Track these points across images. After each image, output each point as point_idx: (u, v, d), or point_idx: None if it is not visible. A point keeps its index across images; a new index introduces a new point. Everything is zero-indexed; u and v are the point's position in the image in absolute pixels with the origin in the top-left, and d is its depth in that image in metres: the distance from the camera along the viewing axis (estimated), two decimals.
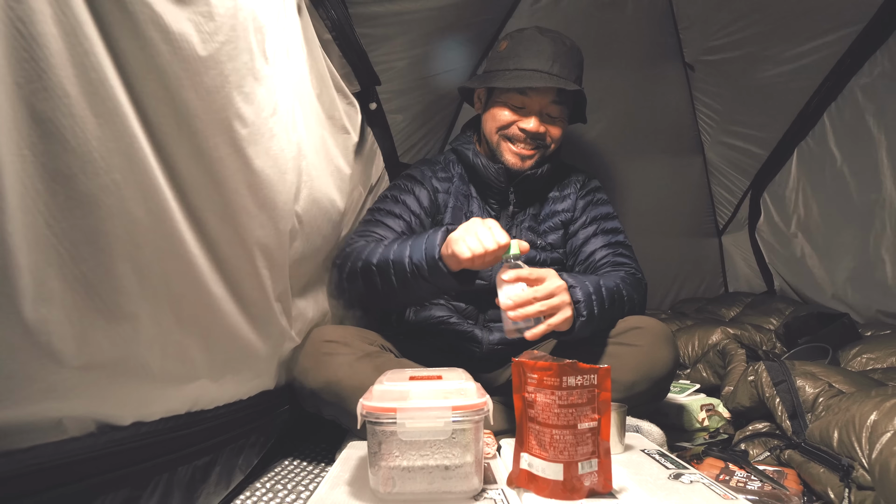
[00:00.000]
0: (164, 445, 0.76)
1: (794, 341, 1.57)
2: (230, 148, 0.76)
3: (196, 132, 0.70)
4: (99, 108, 0.56)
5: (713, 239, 2.50)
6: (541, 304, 1.02)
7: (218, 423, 0.88)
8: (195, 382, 0.80)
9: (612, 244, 1.34)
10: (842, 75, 1.65)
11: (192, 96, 0.68)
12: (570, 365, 0.73)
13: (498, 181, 1.34)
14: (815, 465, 0.92)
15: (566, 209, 1.39)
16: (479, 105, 1.41)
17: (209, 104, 0.71)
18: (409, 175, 1.42)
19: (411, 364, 1.16)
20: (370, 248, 1.18)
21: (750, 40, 1.81)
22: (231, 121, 0.76)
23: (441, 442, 0.73)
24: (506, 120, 1.31)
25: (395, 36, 1.50)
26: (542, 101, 1.29)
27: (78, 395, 0.60)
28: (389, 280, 1.13)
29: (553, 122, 1.32)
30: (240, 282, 0.85)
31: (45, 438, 0.59)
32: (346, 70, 1.28)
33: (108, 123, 0.58)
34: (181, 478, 0.80)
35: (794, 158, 1.96)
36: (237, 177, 0.79)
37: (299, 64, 1.04)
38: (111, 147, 0.58)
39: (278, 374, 1.11)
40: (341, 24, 1.16)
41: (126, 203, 0.61)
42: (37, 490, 0.58)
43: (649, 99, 2.19)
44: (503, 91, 1.31)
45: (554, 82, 1.25)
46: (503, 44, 1.34)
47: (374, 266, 1.15)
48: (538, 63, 1.27)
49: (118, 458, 0.68)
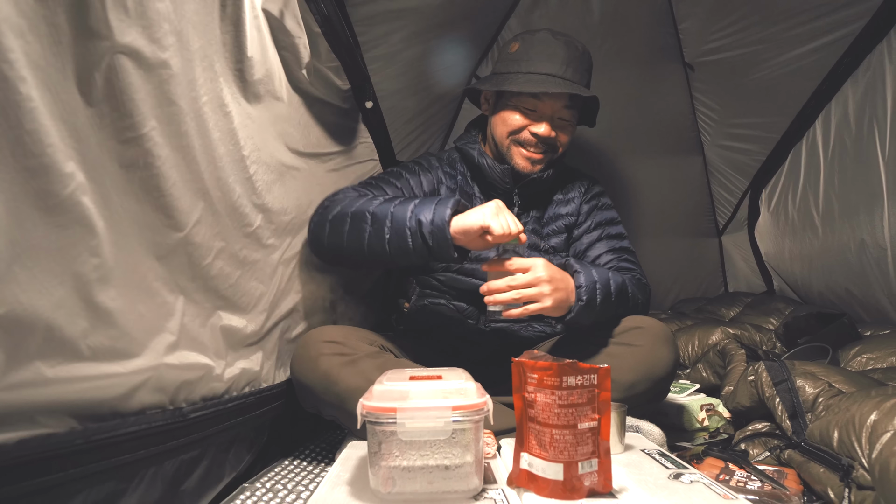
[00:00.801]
0: (149, 438, 0.75)
1: (794, 341, 1.57)
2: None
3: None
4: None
5: (713, 239, 2.50)
6: (515, 292, 1.06)
7: (205, 417, 0.88)
8: (183, 373, 0.80)
9: (617, 249, 1.34)
10: (840, 76, 1.65)
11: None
12: (570, 365, 0.73)
13: (503, 182, 1.33)
14: (815, 464, 0.92)
15: (570, 213, 1.39)
16: (487, 107, 1.39)
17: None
18: (418, 161, 1.41)
19: (411, 364, 1.16)
20: (366, 199, 1.17)
21: (749, 40, 1.81)
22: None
23: (441, 442, 0.73)
24: (517, 124, 1.29)
25: (392, 33, 1.49)
26: (554, 105, 1.27)
27: (55, 386, 0.59)
28: (381, 231, 1.10)
29: (564, 126, 1.31)
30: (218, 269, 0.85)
31: (27, 431, 0.58)
32: (335, 65, 1.27)
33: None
34: (167, 472, 0.80)
35: (792, 158, 1.96)
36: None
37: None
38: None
39: (268, 368, 1.11)
40: (330, 19, 1.16)
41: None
42: (19, 482, 0.57)
43: (649, 99, 2.19)
44: (514, 94, 1.29)
45: (569, 88, 1.23)
46: (514, 45, 1.31)
47: (368, 213, 1.11)
48: (552, 67, 1.25)
49: (102, 451, 0.67)
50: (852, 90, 1.63)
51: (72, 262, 0.61)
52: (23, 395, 0.57)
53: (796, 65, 1.73)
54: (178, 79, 0.76)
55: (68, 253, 0.61)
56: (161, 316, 0.78)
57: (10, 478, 0.56)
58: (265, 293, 1.06)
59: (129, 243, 0.71)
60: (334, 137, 1.37)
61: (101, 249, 0.64)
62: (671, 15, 2.03)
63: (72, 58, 0.62)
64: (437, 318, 1.34)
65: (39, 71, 0.56)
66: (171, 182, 0.76)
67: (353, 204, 1.15)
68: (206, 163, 0.84)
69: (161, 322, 0.78)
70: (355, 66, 1.32)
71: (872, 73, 1.54)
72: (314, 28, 1.15)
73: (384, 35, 1.48)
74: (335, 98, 1.35)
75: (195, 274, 0.85)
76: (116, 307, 0.67)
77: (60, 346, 0.60)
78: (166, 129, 0.75)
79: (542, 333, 1.39)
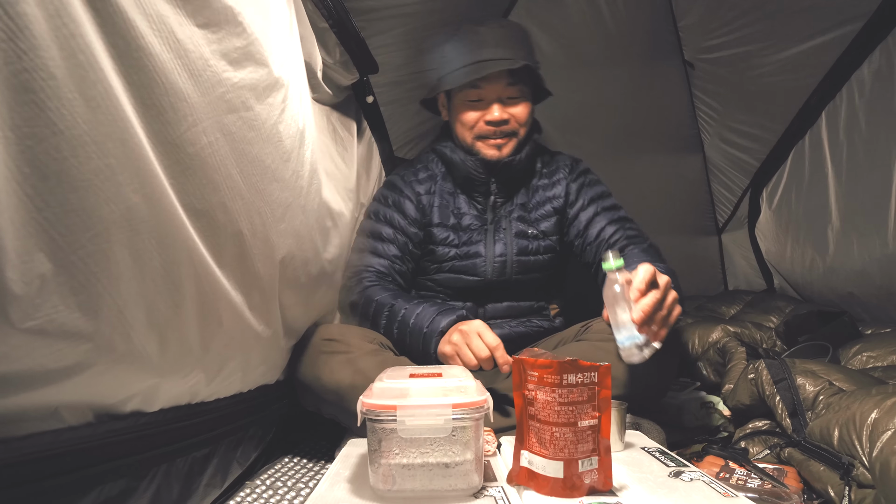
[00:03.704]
0: (163, 436, 0.75)
1: (795, 339, 1.57)
2: (219, 133, 0.75)
3: (185, 116, 0.68)
4: (89, 91, 0.55)
5: (713, 237, 2.49)
6: (671, 299, 0.95)
7: (217, 416, 0.88)
8: (194, 372, 0.80)
9: (617, 220, 1.36)
10: (841, 74, 1.64)
11: (184, 79, 0.67)
12: (570, 363, 0.73)
13: (477, 173, 1.36)
14: (815, 463, 0.92)
15: (558, 195, 1.41)
16: (446, 113, 1.44)
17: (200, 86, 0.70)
18: (391, 184, 1.45)
19: (410, 362, 1.16)
20: (378, 305, 1.24)
21: (749, 38, 1.81)
22: (224, 104, 0.75)
23: (441, 439, 0.73)
24: (472, 119, 1.34)
25: (391, 29, 1.50)
26: (496, 87, 1.31)
27: (75, 382, 0.60)
28: (391, 331, 1.21)
29: (515, 102, 1.34)
30: (239, 270, 0.85)
31: (42, 427, 0.58)
32: (343, 58, 1.28)
33: (99, 107, 0.56)
34: (179, 469, 0.80)
35: (793, 157, 1.96)
36: (228, 162, 0.78)
37: (296, 46, 1.03)
38: (104, 131, 0.57)
39: (278, 368, 1.11)
40: (338, 12, 1.16)
41: (122, 188, 0.60)
42: (33, 479, 0.58)
43: (649, 97, 2.18)
44: (458, 91, 1.34)
45: (498, 66, 1.27)
46: (446, 46, 1.37)
47: (382, 330, 1.22)
48: (480, 53, 1.29)
49: (116, 448, 0.67)
50: (858, 86, 1.62)
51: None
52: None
53: (797, 61, 1.72)
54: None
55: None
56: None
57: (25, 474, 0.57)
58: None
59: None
60: (338, 135, 1.38)
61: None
62: (671, 12, 2.03)
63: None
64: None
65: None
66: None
67: (370, 309, 1.25)
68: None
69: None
70: (365, 58, 1.32)
71: (879, 69, 1.53)
72: (320, 24, 1.15)
73: (382, 31, 1.48)
74: (339, 95, 1.36)
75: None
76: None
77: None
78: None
79: (541, 328, 1.39)
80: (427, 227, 1.40)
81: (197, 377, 0.81)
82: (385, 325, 1.22)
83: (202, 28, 0.70)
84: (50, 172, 0.52)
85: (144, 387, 0.71)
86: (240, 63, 0.78)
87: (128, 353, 0.65)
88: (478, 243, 1.38)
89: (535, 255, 1.39)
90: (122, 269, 0.62)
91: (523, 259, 1.38)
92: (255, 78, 0.81)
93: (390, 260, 1.35)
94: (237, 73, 0.77)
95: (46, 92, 0.51)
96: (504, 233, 1.39)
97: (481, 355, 1.04)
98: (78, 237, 0.56)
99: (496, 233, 1.39)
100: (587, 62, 2.03)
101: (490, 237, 1.39)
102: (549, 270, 1.43)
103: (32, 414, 0.57)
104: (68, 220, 0.55)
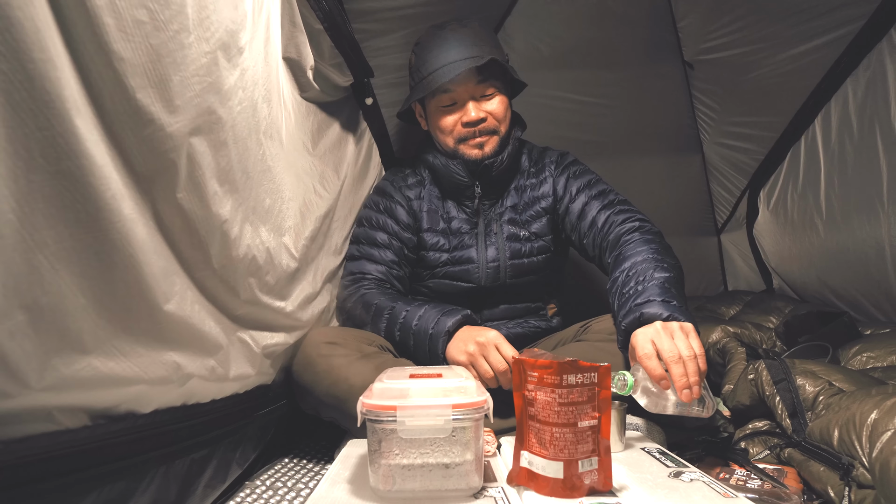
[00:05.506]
0: (160, 438, 0.75)
1: (794, 340, 1.57)
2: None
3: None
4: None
5: (712, 237, 2.49)
6: (700, 363, 0.93)
7: (215, 417, 0.88)
8: (189, 382, 0.80)
9: (608, 204, 1.34)
10: (839, 75, 1.65)
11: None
12: (570, 363, 0.73)
13: (461, 177, 1.35)
14: (815, 463, 0.92)
15: (546, 194, 1.40)
16: (424, 123, 1.43)
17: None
18: (381, 190, 1.45)
19: (410, 364, 1.16)
20: (377, 308, 1.24)
21: (749, 39, 1.81)
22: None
23: (441, 440, 0.73)
24: (449, 124, 1.34)
25: (390, 31, 1.50)
26: (466, 87, 1.31)
27: (69, 389, 0.59)
28: (392, 333, 1.22)
29: (489, 98, 1.33)
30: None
31: (39, 429, 0.58)
32: (337, 61, 1.27)
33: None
34: (178, 470, 0.80)
35: (792, 157, 1.96)
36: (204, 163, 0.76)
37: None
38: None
39: (276, 369, 1.11)
40: (332, 14, 1.16)
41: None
42: (33, 480, 0.57)
43: (648, 97, 2.18)
44: (431, 98, 1.34)
45: (464, 66, 1.27)
46: (411, 58, 1.37)
47: (382, 333, 1.23)
48: (447, 57, 1.29)
49: (114, 449, 0.67)
50: (853, 89, 1.63)
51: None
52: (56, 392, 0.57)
53: (796, 63, 1.72)
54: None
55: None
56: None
57: (24, 476, 0.56)
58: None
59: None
60: (339, 137, 1.38)
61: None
62: (670, 13, 2.03)
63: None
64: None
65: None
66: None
67: (368, 313, 1.25)
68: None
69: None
70: (359, 61, 1.32)
71: (873, 72, 1.53)
72: (315, 25, 1.14)
73: (381, 33, 1.48)
74: (334, 94, 1.35)
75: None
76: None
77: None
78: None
79: (538, 329, 1.39)
80: (418, 233, 1.40)
81: (191, 383, 0.81)
82: (385, 328, 1.21)
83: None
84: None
85: (139, 391, 0.71)
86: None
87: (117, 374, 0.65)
88: (469, 248, 1.37)
89: (529, 258, 1.38)
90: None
91: (517, 262, 1.38)
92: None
93: (387, 266, 1.35)
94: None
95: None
96: (495, 237, 1.38)
97: (499, 368, 1.05)
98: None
99: (487, 237, 1.38)
100: (587, 63, 2.03)
101: (482, 242, 1.38)
102: (544, 271, 1.42)
103: (26, 417, 0.57)
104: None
